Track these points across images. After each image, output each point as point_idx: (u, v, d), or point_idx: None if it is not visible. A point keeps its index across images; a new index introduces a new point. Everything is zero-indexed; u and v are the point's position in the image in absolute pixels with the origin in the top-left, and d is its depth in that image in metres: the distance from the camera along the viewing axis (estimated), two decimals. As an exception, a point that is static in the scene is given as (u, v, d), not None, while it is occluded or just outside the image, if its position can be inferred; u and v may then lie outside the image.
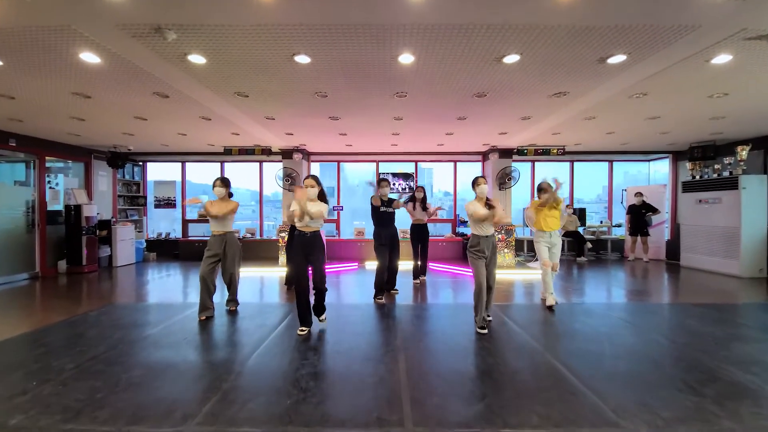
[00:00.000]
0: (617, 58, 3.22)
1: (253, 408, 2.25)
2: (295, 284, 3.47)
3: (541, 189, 4.42)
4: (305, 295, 3.42)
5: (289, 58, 3.24)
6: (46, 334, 3.59)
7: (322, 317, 3.68)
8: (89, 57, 3.22)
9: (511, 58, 3.24)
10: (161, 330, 3.65)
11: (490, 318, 3.80)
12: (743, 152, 6.53)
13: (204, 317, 3.90)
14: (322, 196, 3.48)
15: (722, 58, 3.28)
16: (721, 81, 3.86)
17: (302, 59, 3.26)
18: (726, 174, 6.76)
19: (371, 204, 4.84)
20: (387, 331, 3.63)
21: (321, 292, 3.55)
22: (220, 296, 4.60)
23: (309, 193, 3.37)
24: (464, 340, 3.35)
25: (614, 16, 2.58)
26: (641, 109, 4.85)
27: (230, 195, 4.20)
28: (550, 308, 4.26)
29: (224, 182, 4.10)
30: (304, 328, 3.45)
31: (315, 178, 3.45)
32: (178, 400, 2.33)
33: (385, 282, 4.76)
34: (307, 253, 3.42)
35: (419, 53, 3.18)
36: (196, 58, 3.23)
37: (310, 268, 3.47)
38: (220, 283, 4.30)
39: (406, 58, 3.26)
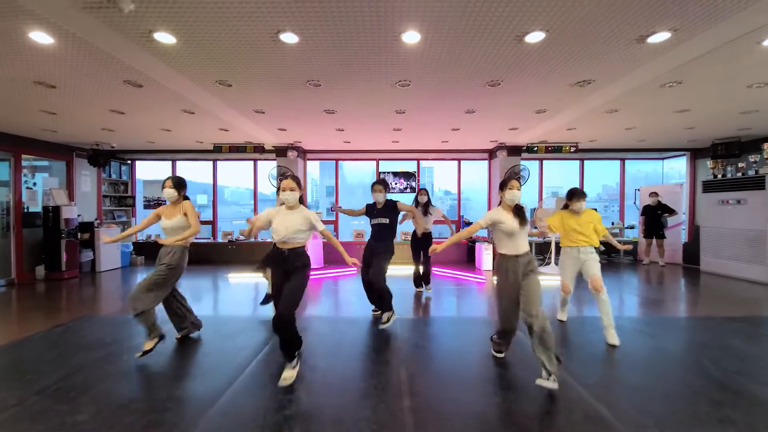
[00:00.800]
0: (660, 36, 2.73)
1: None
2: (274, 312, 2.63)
3: (578, 195, 3.52)
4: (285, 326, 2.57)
5: (273, 36, 2.76)
6: (4, 353, 3.13)
7: (292, 364, 2.63)
8: (41, 37, 2.75)
9: (535, 36, 2.75)
10: (131, 349, 3.17)
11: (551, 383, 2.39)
12: (771, 149, 6.07)
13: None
14: (302, 202, 2.80)
15: (779, 38, 2.81)
16: (765, 68, 3.39)
17: (288, 38, 2.78)
18: (751, 173, 6.30)
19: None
20: (387, 355, 3.16)
21: (286, 325, 2.51)
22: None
23: (287, 198, 2.66)
24: (476, 365, 2.88)
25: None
26: (671, 100, 4.37)
27: (184, 198, 3.37)
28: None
29: (176, 183, 3.27)
30: (286, 377, 2.56)
31: (295, 179, 2.71)
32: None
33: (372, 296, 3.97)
34: (283, 273, 2.68)
35: (426, 30, 2.70)
36: (164, 37, 2.75)
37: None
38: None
39: (411, 37, 2.78)
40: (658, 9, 2.40)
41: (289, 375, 2.57)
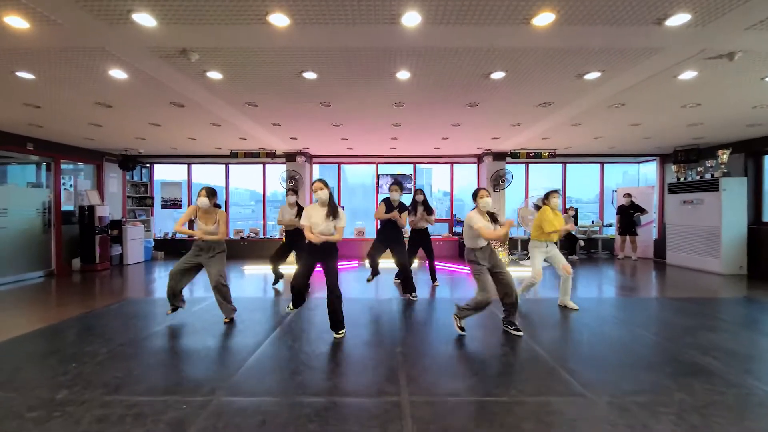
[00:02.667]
0: (593, 75, 3.58)
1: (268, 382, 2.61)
2: (292, 282, 3.55)
3: (553, 192, 4.31)
4: (298, 289, 3.57)
5: (298, 74, 3.59)
6: (72, 325, 3.93)
7: (340, 334, 3.45)
8: (117, 73, 3.57)
9: (498, 75, 3.60)
10: (179, 321, 4.00)
11: (517, 331, 3.48)
12: (723, 156, 6.90)
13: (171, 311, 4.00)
14: (334, 204, 3.41)
15: (688, 74, 3.64)
16: (691, 93, 4.22)
17: (309, 75, 3.61)
18: (708, 176, 7.13)
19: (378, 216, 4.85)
20: (386, 323, 3.99)
21: (335, 302, 3.40)
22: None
23: (320, 196, 3.35)
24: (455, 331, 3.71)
25: (585, 40, 2.93)
26: (622, 117, 5.22)
27: (217, 206, 3.98)
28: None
29: (209, 193, 3.84)
30: (292, 308, 3.78)
31: (323, 181, 3.39)
32: (205, 378, 2.69)
33: (404, 285, 4.93)
34: (317, 258, 3.44)
35: (414, 71, 3.54)
36: (214, 75, 3.58)
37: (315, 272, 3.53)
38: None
39: (403, 75, 3.62)
40: (585, 58, 3.24)
41: (342, 332, 3.49)
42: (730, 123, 5.65)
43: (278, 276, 5.56)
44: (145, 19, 2.55)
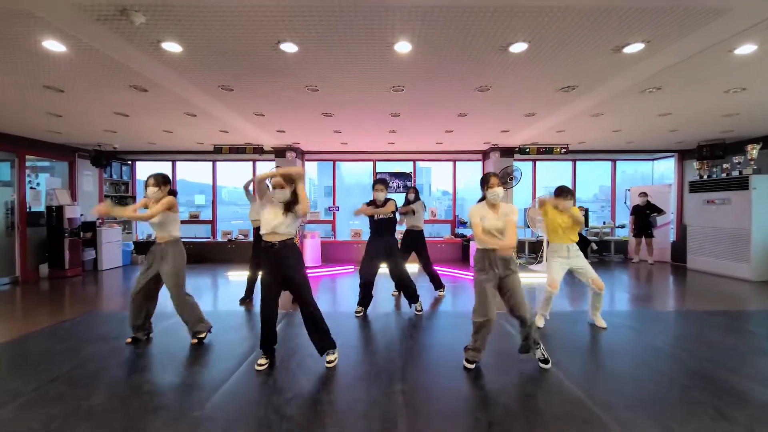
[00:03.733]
0: (634, 47, 2.93)
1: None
2: (260, 309, 2.77)
3: (566, 192, 3.66)
4: (270, 322, 2.77)
5: (274, 46, 2.94)
6: (13, 348, 3.29)
7: (332, 357, 2.85)
8: (54, 45, 2.92)
9: (518, 47, 2.95)
10: (141, 343, 3.35)
11: (544, 363, 2.80)
12: (753, 151, 6.27)
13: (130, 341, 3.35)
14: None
15: (746, 48, 3.00)
16: (740, 74, 3.59)
17: (288, 47, 2.96)
18: (735, 173, 6.51)
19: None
20: (382, 347, 3.34)
21: (313, 318, 2.79)
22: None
23: (278, 196, 2.74)
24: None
25: (636, -4, 2.30)
26: (653, 104, 4.58)
27: (173, 194, 3.40)
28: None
29: (158, 180, 3.31)
30: (262, 362, 2.78)
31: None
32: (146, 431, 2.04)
33: (408, 299, 4.31)
34: (279, 271, 2.74)
35: (417, 41, 2.89)
36: (171, 46, 2.93)
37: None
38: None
39: (403, 47, 2.97)
40: (630, 22, 2.60)
41: (333, 358, 2.86)
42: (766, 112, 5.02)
43: (251, 291, 4.76)
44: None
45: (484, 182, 2.88)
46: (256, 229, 4.45)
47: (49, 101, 4.38)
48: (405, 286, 4.22)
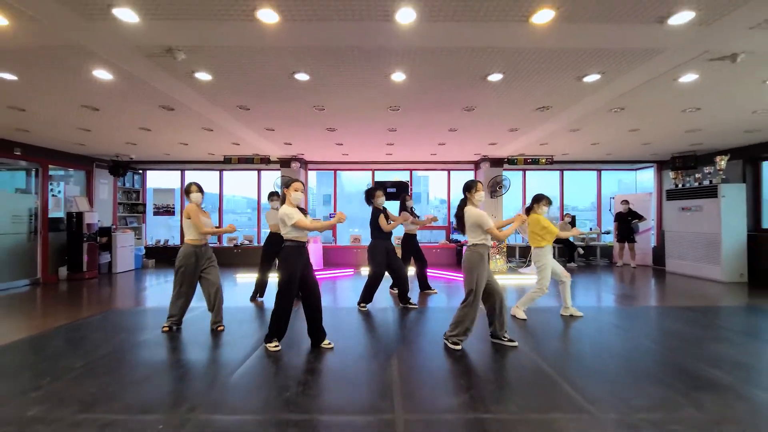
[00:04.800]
0: (592, 77, 3.49)
1: (256, 398, 2.43)
2: (284, 295, 3.19)
3: (541, 200, 4.23)
4: (290, 310, 3.26)
5: (289, 75, 3.48)
6: (51, 337, 3.73)
7: (327, 342, 3.35)
8: (102, 74, 3.44)
9: (495, 77, 3.50)
10: (161, 333, 3.81)
11: (512, 342, 3.36)
12: (722, 162, 6.84)
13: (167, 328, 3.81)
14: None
15: (689, 77, 3.56)
16: (691, 97, 4.15)
17: (301, 77, 3.50)
18: (706, 183, 7.07)
19: (378, 221, 4.66)
20: (381, 333, 3.82)
21: (319, 311, 3.31)
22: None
23: (297, 198, 3.37)
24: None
25: (585, 40, 2.85)
26: (621, 122, 5.14)
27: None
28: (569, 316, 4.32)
29: (200, 187, 3.92)
30: (276, 344, 3.25)
31: (302, 183, 3.48)
32: (186, 394, 2.51)
33: (399, 296, 4.86)
34: (305, 266, 3.24)
35: (409, 72, 3.44)
36: (203, 76, 3.47)
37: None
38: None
39: (398, 77, 3.51)
40: (585, 59, 3.16)
41: (328, 342, 3.36)
42: (728, 129, 5.59)
43: (261, 288, 5.19)
44: (126, 14, 2.43)
45: (472, 187, 3.29)
46: (272, 234, 4.91)
47: (82, 118, 4.90)
48: (402, 285, 4.78)
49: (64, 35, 2.74)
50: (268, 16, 2.47)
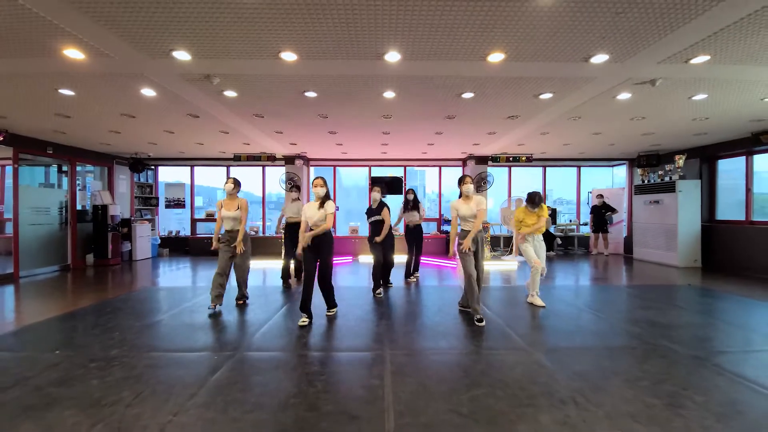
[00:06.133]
0: (546, 95, 4.32)
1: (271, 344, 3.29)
2: (303, 274, 3.83)
3: (533, 202, 4.53)
4: (310, 283, 3.78)
5: (300, 93, 4.28)
6: (103, 306, 4.56)
7: (331, 310, 4.10)
8: (148, 92, 4.22)
9: (468, 95, 4.32)
10: (188, 306, 4.64)
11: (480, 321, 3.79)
12: (680, 161, 7.70)
13: (214, 305, 4.25)
14: (327, 197, 3.83)
15: (624, 95, 4.39)
16: (633, 109, 4.98)
17: (310, 94, 4.31)
18: (667, 179, 7.93)
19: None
20: (377, 304, 4.69)
21: (328, 285, 3.94)
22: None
23: (318, 192, 3.80)
24: (438, 309, 4.40)
25: (533, 71, 3.67)
26: (583, 127, 5.97)
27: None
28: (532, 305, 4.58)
29: (236, 182, 4.41)
30: (305, 319, 3.75)
31: (323, 179, 3.81)
32: (228, 340, 3.36)
33: (381, 277, 5.32)
34: (317, 251, 3.80)
35: (398, 91, 4.25)
36: (230, 93, 4.26)
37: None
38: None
39: (389, 94, 4.33)
40: (537, 83, 3.98)
41: (333, 311, 4.13)
42: (677, 132, 6.44)
43: (287, 275, 5.71)
44: (182, 55, 3.22)
45: (461, 181, 3.99)
46: (290, 224, 5.62)
47: (117, 123, 5.66)
48: (386, 271, 5.41)
49: (128, 67, 3.52)
50: (289, 56, 3.27)
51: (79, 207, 8.17)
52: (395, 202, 6.40)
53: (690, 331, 3.56)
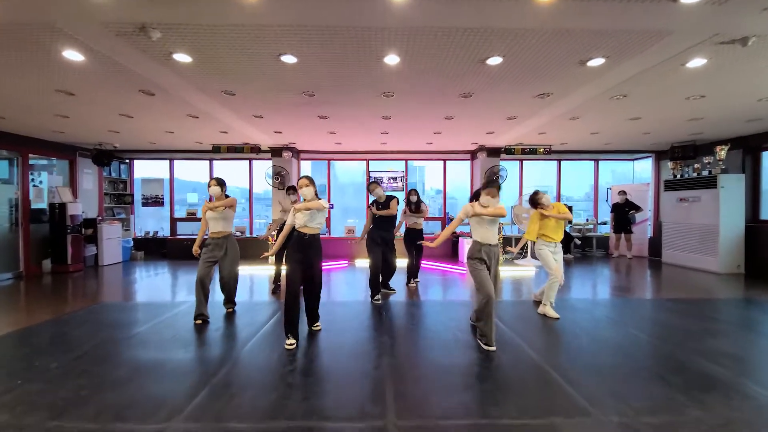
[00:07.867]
0: (596, 61, 3.31)
1: (240, 403, 2.29)
2: (285, 289, 3.19)
3: (537, 202, 4.13)
4: (296, 301, 3.16)
5: (276, 57, 3.26)
6: (30, 334, 3.56)
7: (316, 324, 3.54)
8: (73, 55, 3.20)
9: (494, 60, 3.31)
10: (149, 328, 3.64)
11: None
12: (722, 152, 6.73)
13: (200, 321, 3.78)
14: (316, 196, 3.35)
15: (697, 62, 3.40)
16: (697, 83, 3.99)
17: (288, 59, 3.28)
18: (705, 173, 6.97)
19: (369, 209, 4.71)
20: (375, 328, 3.69)
21: (316, 297, 3.44)
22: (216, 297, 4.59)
23: (305, 193, 3.28)
24: (449, 336, 3.43)
25: (591, 20, 2.66)
26: (622, 110, 4.98)
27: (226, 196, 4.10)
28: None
29: (219, 182, 4.00)
30: (292, 342, 3.11)
31: (309, 178, 3.31)
32: (165, 397, 2.36)
33: (380, 282, 4.68)
34: (304, 256, 3.21)
35: (403, 55, 3.23)
36: (182, 57, 3.23)
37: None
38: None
39: (391, 59, 3.31)
40: (589, 41, 2.97)
41: (318, 325, 3.55)
42: (731, 117, 5.45)
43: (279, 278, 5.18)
44: (89, -15, 2.20)
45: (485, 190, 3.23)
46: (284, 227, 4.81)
47: (58, 104, 4.63)
48: (388, 273, 4.86)
49: (30, 11, 2.50)
50: (248, -11, 2.25)
51: (42, 205, 7.14)
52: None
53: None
